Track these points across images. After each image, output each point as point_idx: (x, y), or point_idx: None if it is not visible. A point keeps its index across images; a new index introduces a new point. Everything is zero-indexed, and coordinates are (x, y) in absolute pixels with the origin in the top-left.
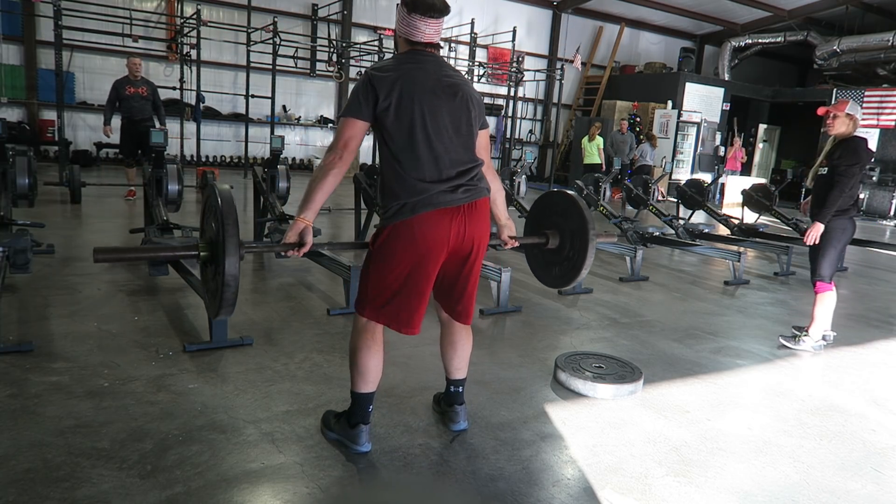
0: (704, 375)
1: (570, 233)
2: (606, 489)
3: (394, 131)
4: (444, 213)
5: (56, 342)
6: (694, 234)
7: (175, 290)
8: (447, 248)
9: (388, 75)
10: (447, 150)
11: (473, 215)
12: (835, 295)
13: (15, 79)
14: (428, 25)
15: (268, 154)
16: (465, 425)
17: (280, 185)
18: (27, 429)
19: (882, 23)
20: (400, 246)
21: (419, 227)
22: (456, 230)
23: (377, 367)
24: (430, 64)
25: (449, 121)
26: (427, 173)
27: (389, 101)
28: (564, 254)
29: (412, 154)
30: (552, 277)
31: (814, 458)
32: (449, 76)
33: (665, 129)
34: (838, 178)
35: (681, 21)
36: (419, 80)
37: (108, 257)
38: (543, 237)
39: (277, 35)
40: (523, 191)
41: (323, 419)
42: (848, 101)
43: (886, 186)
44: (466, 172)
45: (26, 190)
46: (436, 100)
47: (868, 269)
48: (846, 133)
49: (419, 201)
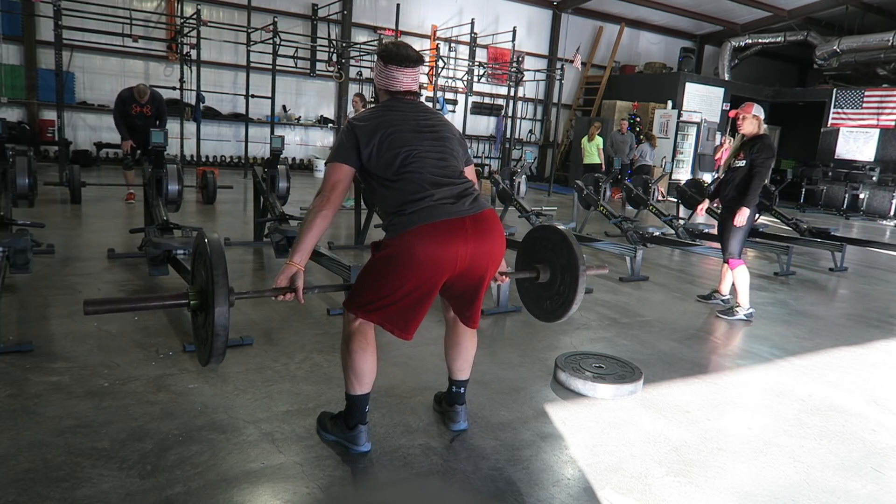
0: (704, 375)
1: (561, 267)
2: (606, 489)
3: (382, 171)
4: (448, 229)
5: (56, 342)
6: (694, 234)
7: (175, 290)
8: (455, 271)
9: (368, 123)
10: (438, 174)
11: (482, 231)
12: (746, 267)
13: (15, 79)
14: (405, 74)
15: (268, 154)
16: (465, 425)
17: (280, 185)
18: (27, 429)
19: (882, 23)
20: (403, 265)
21: (423, 248)
22: (464, 251)
23: (372, 368)
24: (409, 108)
25: (434, 155)
26: (425, 187)
27: (372, 146)
28: (555, 288)
29: (405, 180)
30: (543, 311)
31: (814, 458)
32: (427, 118)
33: (665, 129)
34: (758, 170)
35: (681, 21)
36: (398, 122)
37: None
38: (534, 271)
39: (277, 35)
40: (523, 191)
41: (319, 421)
42: (753, 104)
43: (886, 186)
44: (464, 192)
45: (26, 190)
46: (417, 137)
47: (868, 269)
48: (755, 132)
49: (420, 210)
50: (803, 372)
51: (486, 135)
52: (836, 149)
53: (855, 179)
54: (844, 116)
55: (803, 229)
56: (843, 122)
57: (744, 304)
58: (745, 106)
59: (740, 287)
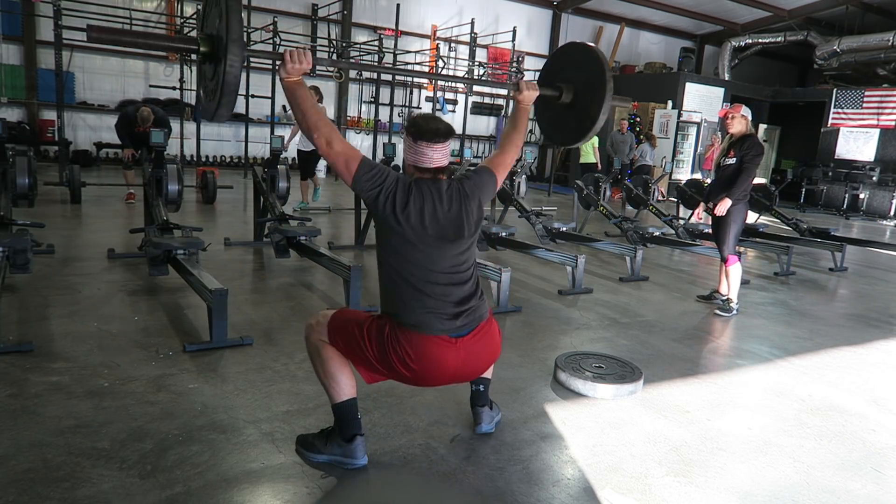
0: (704, 375)
1: (585, 82)
2: (606, 489)
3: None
4: (444, 347)
5: (56, 342)
6: (694, 234)
7: (175, 290)
8: (444, 383)
9: (406, 195)
10: (443, 282)
11: (477, 345)
12: (740, 265)
13: (15, 79)
14: (435, 151)
15: (268, 154)
16: (487, 428)
17: (280, 185)
18: (27, 429)
19: (882, 23)
20: (396, 359)
21: (416, 353)
22: (455, 370)
23: (348, 371)
24: (434, 194)
25: (446, 264)
26: (425, 297)
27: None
28: (579, 106)
29: (407, 281)
30: (565, 132)
31: (814, 458)
32: (451, 206)
33: (665, 129)
34: (747, 166)
35: (681, 21)
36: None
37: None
38: (557, 90)
39: (277, 35)
40: (523, 191)
41: (301, 444)
42: (741, 105)
43: (886, 186)
44: (464, 300)
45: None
46: (436, 241)
47: (868, 269)
48: (744, 131)
49: (417, 321)
50: (803, 372)
51: (486, 135)
52: (836, 149)
53: (855, 179)
54: (844, 116)
55: (803, 229)
56: (843, 122)
57: (734, 300)
58: (734, 106)
59: (733, 283)
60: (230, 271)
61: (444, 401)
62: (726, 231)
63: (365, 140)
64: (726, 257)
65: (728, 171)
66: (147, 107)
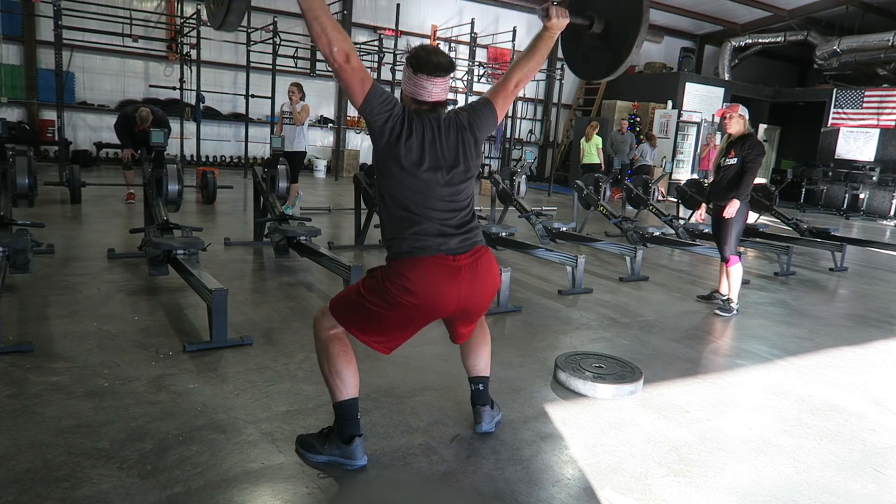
0: (704, 375)
1: (620, 10)
2: (606, 489)
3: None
4: (443, 267)
5: (56, 342)
6: (694, 234)
7: (175, 290)
8: (450, 311)
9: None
10: (443, 209)
11: (477, 265)
12: (741, 265)
13: (15, 79)
14: (435, 85)
15: (268, 154)
16: (487, 428)
17: (280, 185)
18: (27, 429)
19: (882, 23)
20: (396, 291)
21: (415, 276)
22: (458, 293)
23: (354, 370)
24: (434, 125)
25: (445, 192)
26: (423, 221)
27: (397, 131)
28: (612, 36)
29: (408, 198)
30: (595, 65)
31: (814, 458)
32: (449, 137)
33: (665, 129)
34: (749, 166)
35: (681, 21)
36: (422, 143)
37: None
38: (588, 18)
39: (277, 35)
40: (523, 191)
41: (301, 444)
42: (739, 104)
43: (886, 186)
44: (462, 225)
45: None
46: (434, 176)
47: (868, 269)
48: (742, 130)
49: (414, 246)
50: (803, 372)
51: None
52: (836, 149)
53: (855, 179)
54: (844, 116)
55: (803, 229)
56: (843, 122)
57: (735, 299)
58: (731, 105)
59: (734, 283)
60: (230, 271)
61: (444, 401)
62: (727, 231)
63: (365, 140)
64: (727, 257)
65: (730, 171)
66: (146, 107)
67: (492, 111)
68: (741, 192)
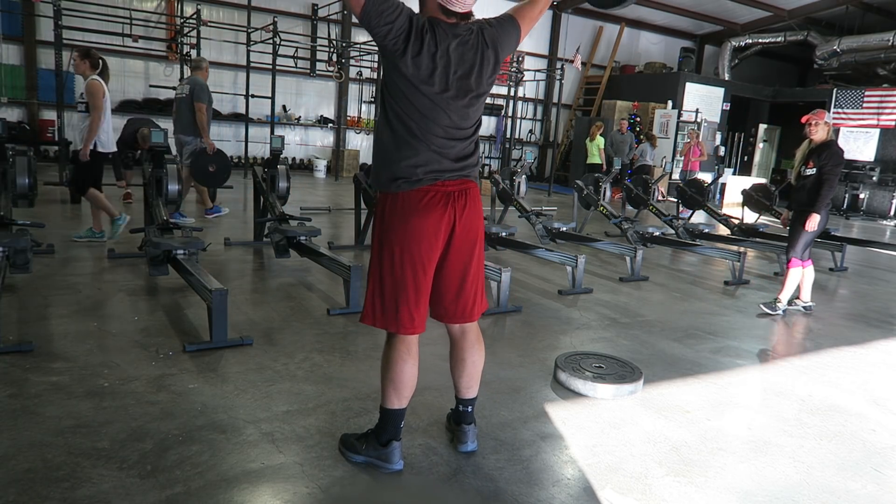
0: (704, 375)
1: None
2: (606, 489)
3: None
4: (431, 190)
5: (56, 342)
6: (694, 234)
7: (175, 290)
8: (442, 233)
9: (420, 40)
10: (446, 136)
11: (468, 205)
12: (801, 272)
13: (15, 79)
14: None
15: (268, 154)
16: (472, 447)
17: (280, 185)
18: (27, 429)
19: (882, 23)
20: (397, 223)
21: (407, 204)
22: (448, 212)
23: (412, 379)
24: (451, 37)
25: (454, 116)
26: (423, 147)
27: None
28: None
29: (413, 117)
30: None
31: (814, 458)
32: (466, 57)
33: (665, 129)
34: (827, 177)
35: (681, 21)
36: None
37: None
38: None
39: (277, 35)
40: (523, 191)
41: (343, 443)
42: (824, 111)
43: (886, 186)
44: (461, 158)
45: (26, 190)
46: (443, 98)
47: (868, 269)
48: (825, 138)
49: (408, 174)
50: (803, 372)
51: (486, 135)
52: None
53: (855, 179)
54: (845, 116)
55: None
56: (843, 122)
57: (783, 300)
58: (817, 112)
59: (789, 285)
60: (230, 271)
61: (444, 401)
62: (798, 236)
63: (365, 140)
64: (789, 258)
65: (808, 182)
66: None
67: (517, 31)
68: (820, 205)
